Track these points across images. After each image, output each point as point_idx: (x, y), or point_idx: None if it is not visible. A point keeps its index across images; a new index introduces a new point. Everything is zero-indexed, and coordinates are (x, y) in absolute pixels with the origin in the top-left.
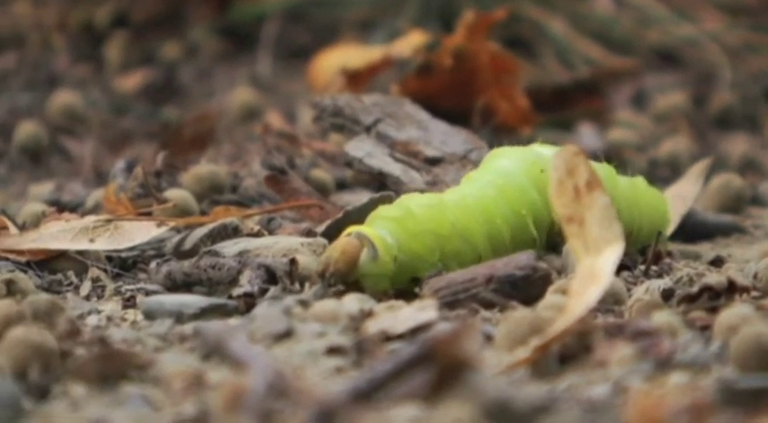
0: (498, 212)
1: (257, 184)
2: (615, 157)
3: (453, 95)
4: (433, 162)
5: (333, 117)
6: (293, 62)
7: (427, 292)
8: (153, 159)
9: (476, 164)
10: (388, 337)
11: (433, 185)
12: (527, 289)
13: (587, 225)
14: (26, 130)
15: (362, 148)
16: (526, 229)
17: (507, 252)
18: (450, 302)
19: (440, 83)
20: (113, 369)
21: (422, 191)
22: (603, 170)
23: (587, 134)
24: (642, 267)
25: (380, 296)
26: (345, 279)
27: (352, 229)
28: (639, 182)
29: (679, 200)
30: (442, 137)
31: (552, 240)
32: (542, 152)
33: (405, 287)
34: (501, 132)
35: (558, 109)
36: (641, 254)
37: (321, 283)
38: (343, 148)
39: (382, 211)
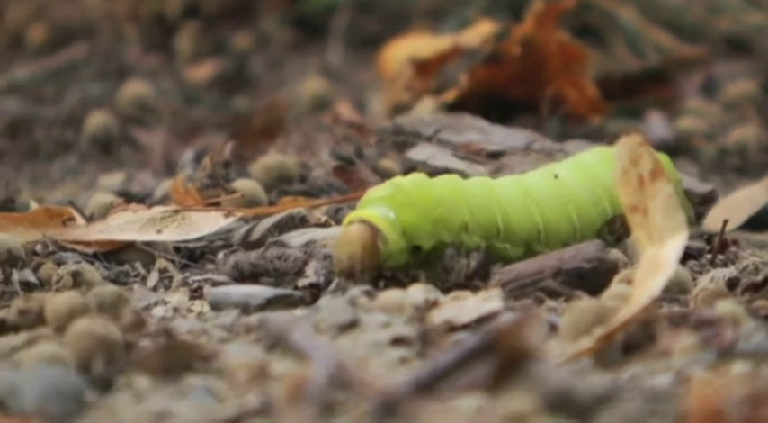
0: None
1: (325, 174)
2: (684, 145)
3: (522, 85)
4: (496, 156)
5: (394, 136)
6: (364, 52)
7: (494, 283)
8: (222, 150)
9: (539, 152)
10: (452, 328)
11: (498, 172)
12: (594, 280)
13: (651, 214)
14: (97, 120)
15: (425, 153)
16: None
17: (497, 230)
18: (517, 295)
19: (508, 72)
20: (178, 361)
21: None
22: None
23: (656, 123)
24: (708, 256)
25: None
26: (373, 270)
27: (352, 216)
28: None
29: (748, 201)
30: (502, 136)
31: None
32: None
33: (411, 258)
34: (570, 121)
35: (627, 97)
36: (707, 243)
37: (347, 281)
38: (406, 156)
39: (371, 193)
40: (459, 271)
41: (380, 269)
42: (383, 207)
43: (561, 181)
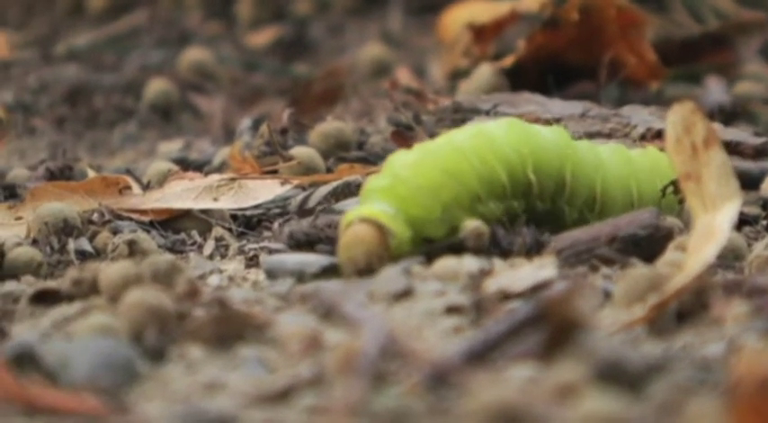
0: (491, 152)
1: (383, 140)
2: (742, 109)
3: (580, 50)
4: (552, 123)
5: (453, 114)
6: (424, 17)
7: (550, 251)
8: (279, 117)
9: (594, 118)
10: (507, 296)
11: None
12: (650, 247)
13: (704, 182)
14: (156, 87)
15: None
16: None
17: (507, 198)
18: (573, 262)
19: (566, 38)
20: (230, 330)
21: None
22: (616, 150)
23: (715, 87)
24: (764, 223)
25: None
26: (383, 264)
27: (350, 216)
28: (652, 151)
29: None
30: (560, 107)
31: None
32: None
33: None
34: (628, 87)
35: (686, 62)
36: (763, 209)
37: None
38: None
39: (371, 182)
40: (518, 250)
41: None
42: (381, 203)
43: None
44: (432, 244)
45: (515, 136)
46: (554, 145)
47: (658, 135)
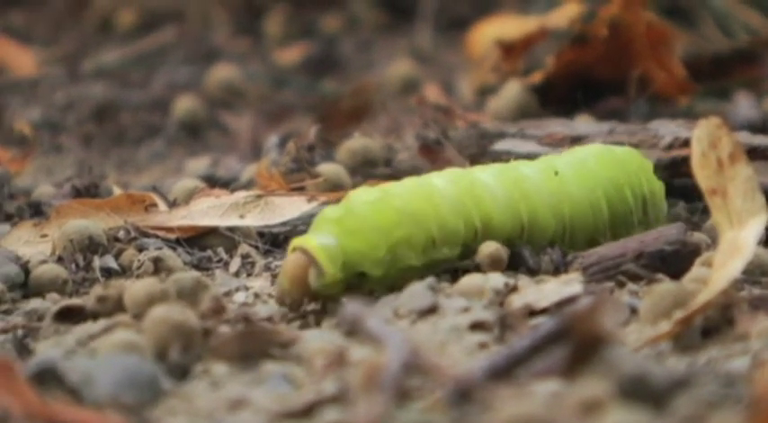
0: (453, 195)
1: (411, 156)
2: None
3: (609, 66)
4: (577, 140)
5: (480, 140)
6: (453, 33)
7: (577, 267)
8: (308, 133)
9: (622, 134)
10: (532, 312)
11: None
12: (676, 263)
13: (730, 197)
14: (184, 104)
15: (509, 144)
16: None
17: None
18: (599, 278)
19: (595, 53)
20: (255, 347)
21: None
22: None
23: (744, 103)
24: None
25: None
26: (303, 301)
27: (297, 241)
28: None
29: None
30: (586, 127)
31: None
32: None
33: (354, 284)
34: (657, 102)
35: (715, 78)
36: None
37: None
38: (490, 149)
39: (326, 212)
40: (546, 269)
41: (315, 298)
42: (326, 234)
43: (560, 177)
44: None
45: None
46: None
47: (686, 144)
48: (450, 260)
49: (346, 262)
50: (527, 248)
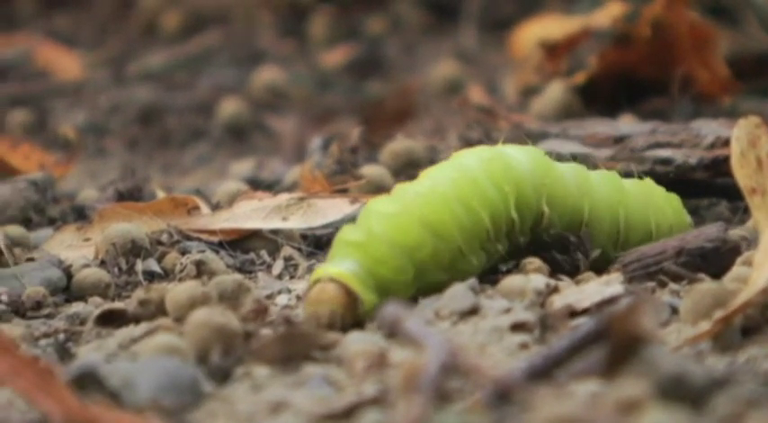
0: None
1: None
2: None
3: (652, 66)
4: (620, 140)
5: (523, 140)
6: (497, 34)
7: (617, 266)
8: (350, 136)
9: (664, 133)
10: (573, 312)
11: (621, 155)
12: (717, 261)
13: None
14: (229, 107)
15: (552, 144)
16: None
17: (490, 242)
18: (640, 276)
19: (638, 53)
20: (297, 349)
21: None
22: (607, 176)
23: None
24: None
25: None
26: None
27: (320, 273)
28: (648, 182)
29: None
30: (629, 127)
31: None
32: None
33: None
34: (701, 102)
35: (759, 77)
36: None
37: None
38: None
39: (345, 234)
40: (585, 266)
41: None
42: (352, 261)
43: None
44: None
45: (497, 173)
46: (532, 176)
47: (728, 143)
48: (478, 268)
49: (377, 287)
50: (557, 254)
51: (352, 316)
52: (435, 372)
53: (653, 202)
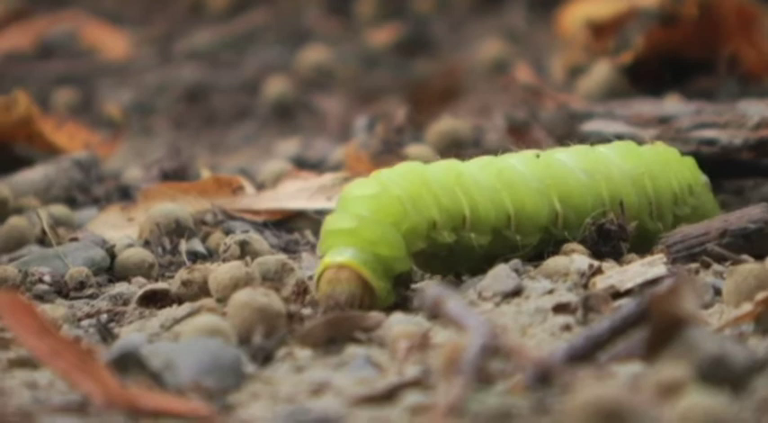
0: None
1: (499, 137)
2: None
3: (698, 45)
4: (665, 120)
5: (568, 120)
6: (545, 12)
7: (661, 247)
8: (396, 115)
9: (711, 114)
10: (616, 294)
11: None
12: (760, 242)
13: None
14: (275, 86)
15: (597, 124)
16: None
17: (463, 220)
18: (684, 257)
19: (685, 33)
20: (340, 331)
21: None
22: (625, 149)
23: None
24: None
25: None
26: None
27: (328, 262)
28: (660, 146)
29: None
30: (674, 107)
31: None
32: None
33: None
34: (747, 82)
35: None
36: None
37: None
38: (579, 129)
39: (333, 223)
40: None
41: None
42: (354, 250)
43: (547, 161)
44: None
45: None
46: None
47: None
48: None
49: (383, 269)
50: (593, 237)
51: (369, 301)
52: (476, 353)
53: (671, 165)
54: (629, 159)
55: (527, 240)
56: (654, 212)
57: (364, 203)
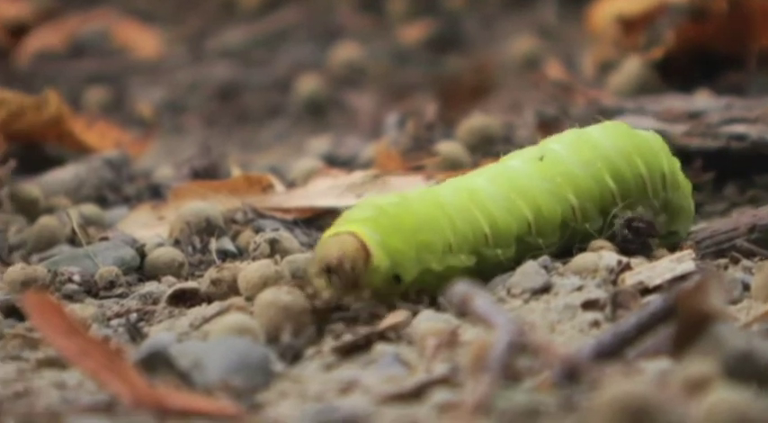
0: (479, 197)
1: (529, 133)
2: None
3: (728, 40)
4: (695, 116)
5: (599, 116)
6: (576, 8)
7: (690, 242)
8: (425, 112)
9: (740, 109)
10: (645, 289)
11: (697, 124)
12: None
13: None
14: (307, 83)
15: (627, 120)
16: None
17: (485, 238)
18: (713, 252)
19: (715, 28)
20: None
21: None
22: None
23: None
24: None
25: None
26: (353, 283)
27: (336, 229)
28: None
29: None
30: (704, 102)
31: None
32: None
33: (387, 287)
34: None
35: None
36: None
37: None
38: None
39: (352, 214)
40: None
41: (358, 287)
42: (368, 227)
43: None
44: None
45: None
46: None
47: None
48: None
49: (390, 259)
50: (623, 231)
51: (363, 268)
52: (502, 351)
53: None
54: (618, 139)
55: (548, 241)
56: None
57: (388, 203)
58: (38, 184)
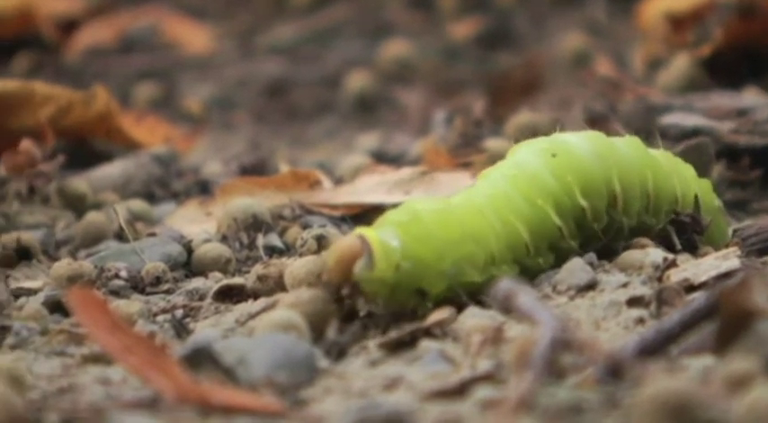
0: (511, 207)
1: (578, 130)
2: None
3: None
4: (743, 113)
5: (647, 113)
6: (626, 5)
7: (735, 240)
8: (473, 109)
9: None
10: (690, 287)
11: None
12: None
13: None
14: (357, 80)
15: (675, 117)
16: (546, 218)
17: (526, 247)
18: (759, 249)
19: (763, 26)
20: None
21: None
22: (632, 141)
23: None
24: None
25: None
26: (341, 285)
27: (359, 230)
28: (668, 153)
29: None
30: (752, 100)
31: (586, 232)
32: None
33: (409, 300)
34: None
35: None
36: None
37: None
38: (657, 122)
39: (389, 215)
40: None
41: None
42: (390, 233)
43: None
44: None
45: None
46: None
47: None
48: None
49: (407, 272)
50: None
51: (347, 277)
52: (546, 347)
53: (677, 170)
54: (637, 152)
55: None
56: (651, 208)
57: (427, 210)
58: (86, 180)
